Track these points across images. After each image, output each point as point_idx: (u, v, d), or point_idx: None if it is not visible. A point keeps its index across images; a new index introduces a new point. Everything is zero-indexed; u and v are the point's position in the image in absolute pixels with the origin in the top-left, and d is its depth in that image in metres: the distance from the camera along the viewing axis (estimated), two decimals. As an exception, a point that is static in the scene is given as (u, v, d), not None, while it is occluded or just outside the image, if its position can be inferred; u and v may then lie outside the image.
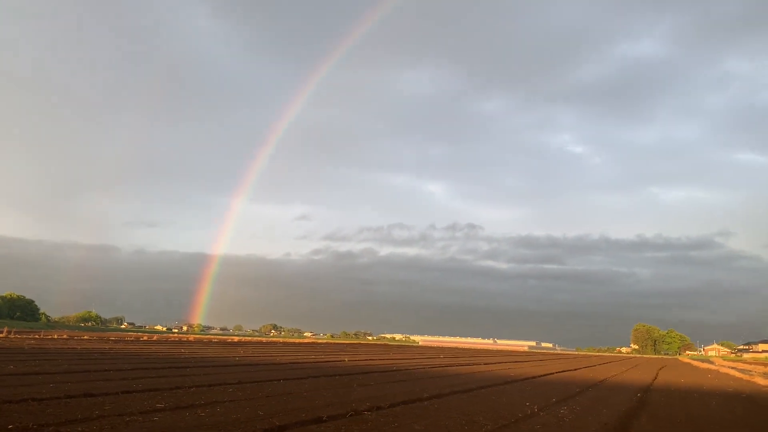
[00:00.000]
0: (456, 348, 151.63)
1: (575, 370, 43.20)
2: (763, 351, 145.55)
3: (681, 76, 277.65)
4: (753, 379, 36.72)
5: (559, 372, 37.93)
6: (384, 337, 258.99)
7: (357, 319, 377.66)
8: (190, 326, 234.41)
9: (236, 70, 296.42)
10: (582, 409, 17.01)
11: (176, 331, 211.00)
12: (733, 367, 59.46)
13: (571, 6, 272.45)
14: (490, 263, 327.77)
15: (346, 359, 42.37)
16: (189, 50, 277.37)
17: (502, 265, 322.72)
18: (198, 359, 34.96)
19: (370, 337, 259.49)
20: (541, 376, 32.76)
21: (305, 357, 43.66)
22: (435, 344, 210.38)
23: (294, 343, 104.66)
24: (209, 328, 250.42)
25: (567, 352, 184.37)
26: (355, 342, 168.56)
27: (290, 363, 34.64)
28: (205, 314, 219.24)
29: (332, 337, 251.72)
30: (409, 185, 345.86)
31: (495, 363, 49.20)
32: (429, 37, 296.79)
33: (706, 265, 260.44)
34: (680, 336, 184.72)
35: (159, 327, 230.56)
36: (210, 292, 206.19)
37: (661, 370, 48.52)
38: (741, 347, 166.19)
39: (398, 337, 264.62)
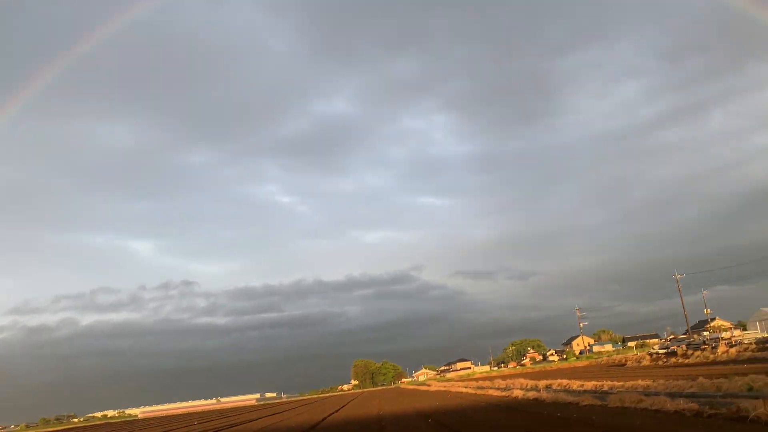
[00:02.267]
0: (184, 414, 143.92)
1: (341, 408, 45.87)
2: (462, 368, 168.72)
3: (369, 132, 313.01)
4: (487, 393, 43.68)
5: (336, 412, 40.14)
6: (94, 417, 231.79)
7: (57, 401, 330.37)
8: None
9: None
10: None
11: None
12: (448, 388, 68.59)
13: (269, 65, 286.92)
14: (207, 319, 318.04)
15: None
16: None
17: (221, 320, 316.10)
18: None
19: (75, 419, 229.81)
20: (330, 415, 34.57)
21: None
22: (157, 414, 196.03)
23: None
24: None
25: (294, 399, 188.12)
26: (63, 428, 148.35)
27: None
28: None
29: (27, 427, 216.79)
30: (113, 244, 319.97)
31: (265, 416, 49.47)
32: (128, 88, 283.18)
33: (406, 297, 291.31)
34: (393, 366, 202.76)
35: None
36: None
37: (411, 398, 53.94)
38: (443, 368, 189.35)
39: (111, 413, 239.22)
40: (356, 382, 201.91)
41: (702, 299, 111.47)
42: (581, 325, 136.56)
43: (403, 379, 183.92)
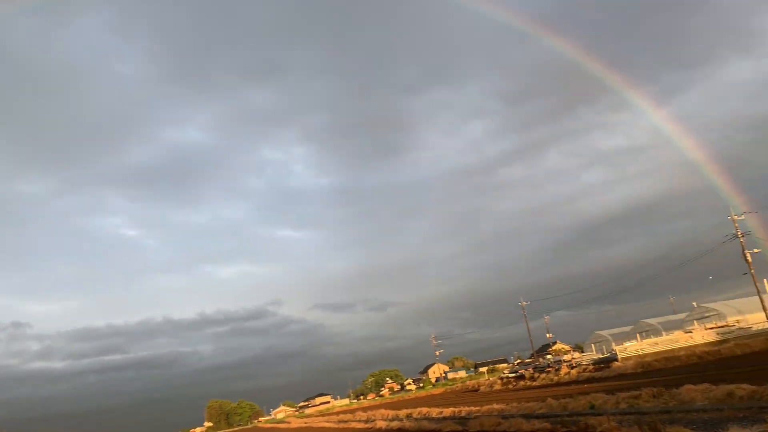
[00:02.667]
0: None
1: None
2: (321, 403, 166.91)
3: (225, 162, 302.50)
4: (350, 426, 43.69)
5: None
6: None
7: None
8: None
9: None
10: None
11: None
12: (309, 424, 67.74)
13: (115, 90, 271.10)
14: (42, 364, 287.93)
15: None
16: None
17: (57, 364, 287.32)
18: None
19: None
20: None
21: None
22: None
23: None
24: None
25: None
26: None
27: None
28: None
29: None
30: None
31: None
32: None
33: (263, 334, 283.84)
34: (250, 405, 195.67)
35: None
36: None
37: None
38: (302, 404, 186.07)
39: None
40: (210, 424, 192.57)
41: (544, 324, 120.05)
42: (437, 353, 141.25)
43: (261, 418, 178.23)
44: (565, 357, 73.03)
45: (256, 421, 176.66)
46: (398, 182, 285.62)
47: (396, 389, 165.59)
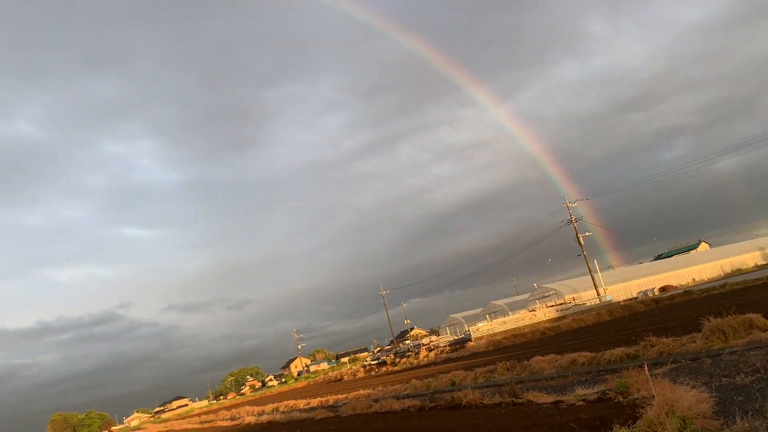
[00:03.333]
0: None
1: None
2: (179, 407, 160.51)
3: (61, 157, 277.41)
4: (215, 425, 42.95)
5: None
6: None
7: None
8: None
9: None
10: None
11: None
12: (169, 428, 65.43)
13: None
14: None
15: None
16: None
17: None
18: None
19: None
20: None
21: None
22: None
23: None
24: None
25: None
26: None
27: None
28: None
29: None
30: None
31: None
32: None
33: (111, 339, 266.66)
34: (100, 415, 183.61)
35: None
36: None
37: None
38: (158, 409, 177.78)
39: None
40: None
41: (402, 312, 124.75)
42: (299, 347, 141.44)
43: (113, 428, 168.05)
44: (424, 340, 76.42)
45: (109, 430, 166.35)
46: (254, 177, 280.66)
47: (257, 386, 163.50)
